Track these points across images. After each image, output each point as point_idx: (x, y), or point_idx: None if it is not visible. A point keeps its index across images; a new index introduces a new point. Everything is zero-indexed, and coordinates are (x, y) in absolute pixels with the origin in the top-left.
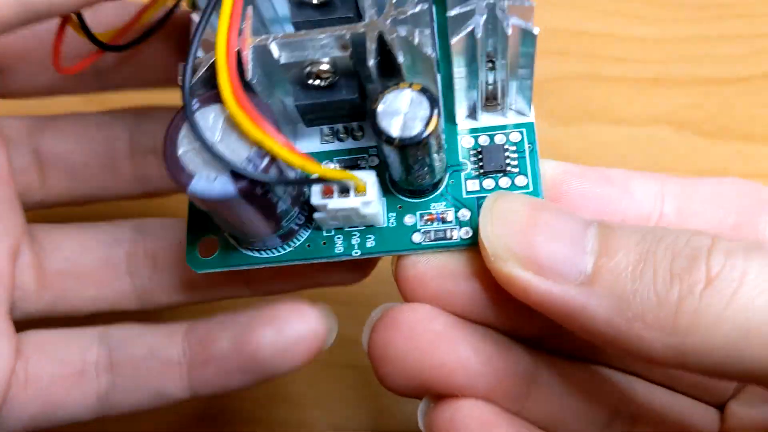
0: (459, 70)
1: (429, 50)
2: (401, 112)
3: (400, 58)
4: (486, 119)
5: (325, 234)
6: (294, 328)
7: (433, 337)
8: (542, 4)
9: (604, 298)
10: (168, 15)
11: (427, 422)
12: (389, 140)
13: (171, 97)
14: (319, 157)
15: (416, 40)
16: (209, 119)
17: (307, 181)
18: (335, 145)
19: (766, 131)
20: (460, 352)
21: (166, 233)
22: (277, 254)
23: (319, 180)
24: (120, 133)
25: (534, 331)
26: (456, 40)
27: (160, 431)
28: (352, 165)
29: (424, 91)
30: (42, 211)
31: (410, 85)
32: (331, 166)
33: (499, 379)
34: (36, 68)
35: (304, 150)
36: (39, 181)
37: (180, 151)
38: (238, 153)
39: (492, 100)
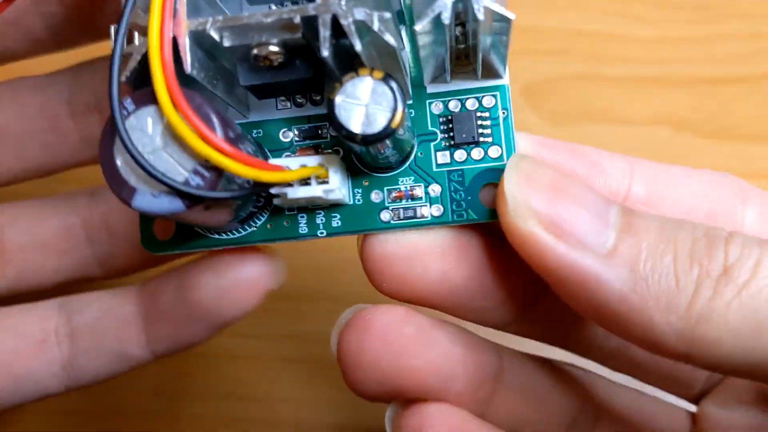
0: (423, 26)
1: (391, 39)
2: (362, 102)
3: (358, 47)
4: (457, 82)
5: (287, 213)
6: (235, 270)
7: (407, 340)
8: (542, 5)
9: (621, 272)
10: None
11: (394, 428)
12: (350, 136)
13: None
14: (276, 125)
15: (376, 26)
16: (147, 123)
17: (263, 187)
18: (293, 112)
19: (766, 131)
20: (434, 355)
21: None
22: (239, 235)
23: (278, 184)
24: (56, 93)
25: (502, 317)
26: (420, 27)
27: None
28: (313, 135)
29: (386, 78)
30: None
31: (371, 72)
32: (290, 135)
33: (470, 381)
34: None
35: (258, 118)
36: None
37: (118, 162)
38: (183, 163)
39: (463, 60)
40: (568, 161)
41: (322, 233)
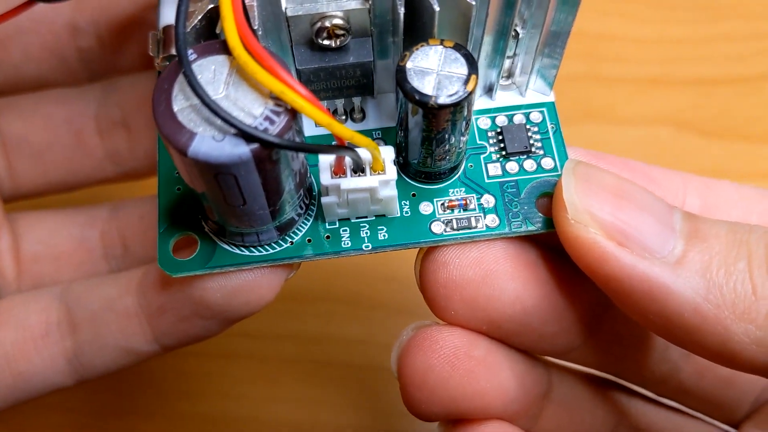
0: (486, 47)
1: None
2: (433, 71)
3: (436, 6)
4: (502, 98)
5: (328, 227)
6: (240, 274)
7: (475, 363)
8: None
9: (693, 281)
10: None
11: None
12: (423, 100)
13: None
14: (315, 141)
15: None
16: (210, 72)
17: (331, 148)
18: None
19: (766, 131)
20: (501, 378)
21: (141, 211)
22: (272, 252)
23: (341, 148)
24: (83, 107)
25: (568, 342)
26: None
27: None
28: None
29: (458, 47)
30: (23, 202)
31: (441, 42)
32: None
33: (526, 399)
34: (19, 58)
35: None
36: (6, 167)
37: (176, 108)
38: (249, 110)
39: (505, 79)
40: (622, 174)
41: (367, 247)
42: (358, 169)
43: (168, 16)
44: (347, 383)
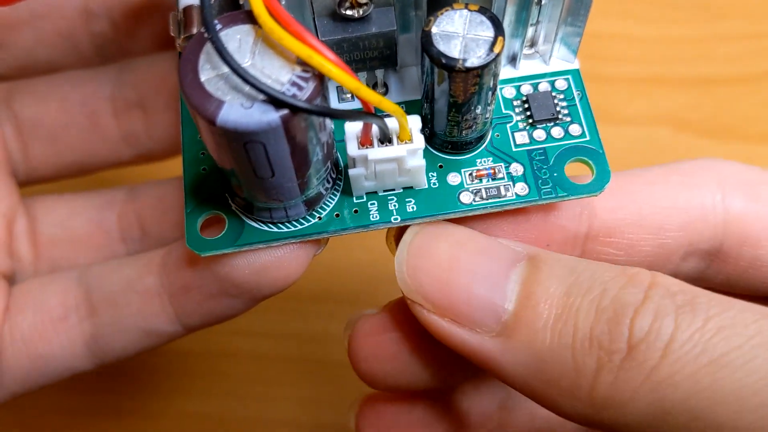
0: (509, 16)
1: None
2: (459, 34)
3: None
4: (526, 67)
5: (356, 201)
6: (269, 251)
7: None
8: None
9: (520, 354)
10: None
11: None
12: (449, 64)
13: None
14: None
15: None
16: (236, 41)
17: (358, 114)
18: (355, 104)
19: (766, 131)
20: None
21: (159, 193)
22: (300, 227)
23: (368, 115)
24: (98, 88)
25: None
26: None
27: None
28: None
29: (483, 10)
30: (39, 186)
31: (466, 6)
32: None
33: None
34: (32, 42)
35: None
36: (21, 150)
37: (203, 78)
38: (276, 77)
39: (529, 48)
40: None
41: (396, 219)
42: (385, 139)
43: None
44: (348, 383)
